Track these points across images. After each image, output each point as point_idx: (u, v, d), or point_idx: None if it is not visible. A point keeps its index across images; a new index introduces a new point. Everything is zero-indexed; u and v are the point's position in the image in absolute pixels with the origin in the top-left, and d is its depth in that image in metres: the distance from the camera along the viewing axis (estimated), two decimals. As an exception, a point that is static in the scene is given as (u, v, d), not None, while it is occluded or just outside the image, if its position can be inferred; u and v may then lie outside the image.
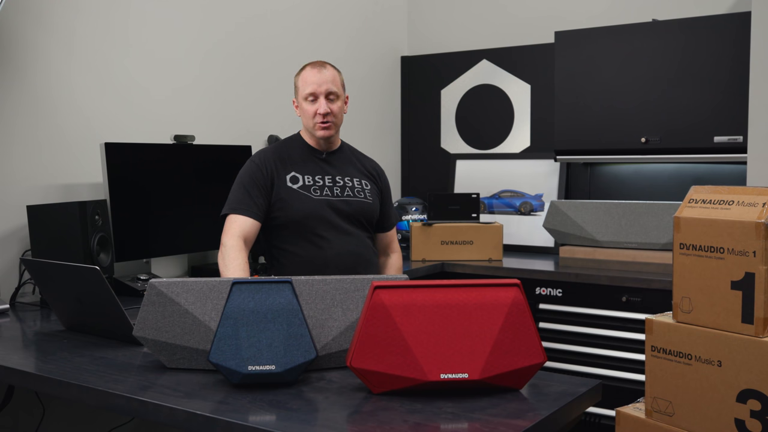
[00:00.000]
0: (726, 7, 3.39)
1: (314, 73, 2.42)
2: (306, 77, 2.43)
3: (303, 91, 2.42)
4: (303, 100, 2.43)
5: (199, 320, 1.65)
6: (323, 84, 2.40)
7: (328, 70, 2.44)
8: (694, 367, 1.63)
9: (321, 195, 2.43)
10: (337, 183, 2.47)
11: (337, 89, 2.42)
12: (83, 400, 1.66)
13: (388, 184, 2.68)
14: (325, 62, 2.48)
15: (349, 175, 2.52)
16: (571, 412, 1.53)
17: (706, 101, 3.11)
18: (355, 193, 2.49)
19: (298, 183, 2.43)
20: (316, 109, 2.40)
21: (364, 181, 2.54)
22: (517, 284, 1.55)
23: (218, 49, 3.28)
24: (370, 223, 2.55)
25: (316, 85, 2.40)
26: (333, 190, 2.45)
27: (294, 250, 2.42)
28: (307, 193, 2.42)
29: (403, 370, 1.50)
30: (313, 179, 2.45)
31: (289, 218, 2.40)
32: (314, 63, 2.47)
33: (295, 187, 2.42)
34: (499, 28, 4.03)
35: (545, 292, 3.20)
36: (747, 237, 1.54)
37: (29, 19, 2.61)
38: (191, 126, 3.13)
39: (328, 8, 3.83)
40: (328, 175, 2.47)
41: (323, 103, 2.40)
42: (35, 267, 2.15)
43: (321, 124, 2.41)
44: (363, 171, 2.57)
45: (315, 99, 2.41)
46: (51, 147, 2.68)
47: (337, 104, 2.43)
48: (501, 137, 4.02)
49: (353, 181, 2.51)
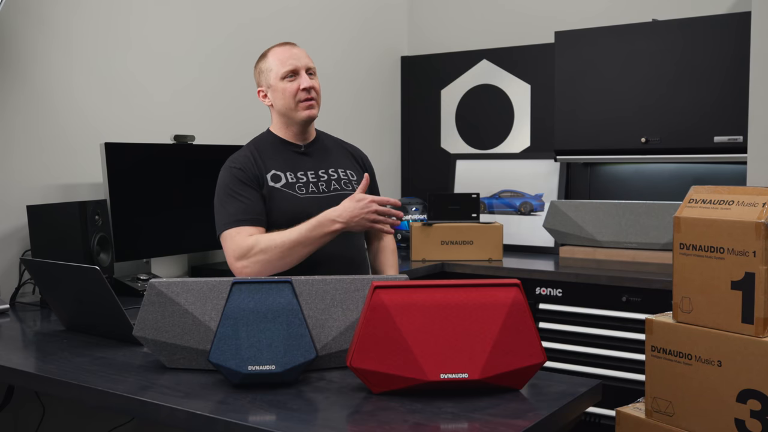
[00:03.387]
0: (726, 7, 3.39)
1: (288, 49, 2.24)
2: (279, 55, 2.23)
3: (279, 71, 2.21)
4: (280, 80, 2.21)
5: (199, 320, 1.65)
6: (302, 58, 2.23)
7: (299, 48, 2.27)
8: (694, 367, 1.63)
9: (307, 192, 2.21)
10: (321, 177, 2.26)
11: (313, 65, 2.26)
12: (83, 400, 1.66)
13: (373, 169, 2.47)
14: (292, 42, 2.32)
15: (333, 166, 2.31)
16: (571, 412, 1.53)
17: (705, 101, 3.11)
18: (343, 185, 2.28)
19: (281, 181, 2.21)
20: (299, 85, 2.19)
21: (350, 171, 2.34)
22: (517, 284, 1.55)
23: (218, 50, 3.28)
24: None
25: (295, 60, 2.21)
26: (318, 186, 2.24)
27: None
28: (292, 191, 2.20)
29: (403, 370, 1.50)
30: (295, 176, 2.23)
31: (276, 220, 2.17)
32: (281, 43, 2.28)
33: (278, 185, 2.20)
34: (499, 28, 4.03)
35: (545, 292, 3.20)
36: (747, 237, 1.54)
37: (29, 19, 2.61)
38: (191, 126, 3.13)
39: (328, 8, 3.83)
40: (310, 170, 2.26)
41: (305, 77, 2.20)
42: (35, 267, 2.15)
43: (305, 102, 2.21)
44: (346, 159, 2.38)
45: (294, 75, 2.21)
46: (51, 147, 2.68)
47: (317, 81, 2.25)
48: (501, 137, 4.02)
49: (338, 173, 2.30)
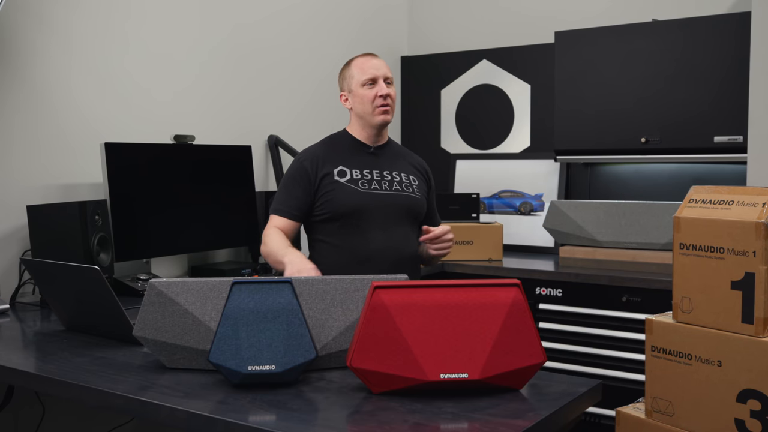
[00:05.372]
0: (726, 7, 3.39)
1: (369, 59, 2.47)
2: (362, 64, 2.45)
3: (360, 78, 2.43)
4: (360, 87, 2.43)
5: (199, 320, 1.65)
6: (381, 68, 2.44)
7: (379, 59, 2.49)
8: (694, 367, 1.63)
9: (369, 189, 2.41)
10: (385, 177, 2.45)
11: (391, 75, 2.47)
12: (83, 400, 1.66)
13: (434, 182, 2.66)
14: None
15: (398, 169, 2.49)
16: (571, 412, 1.53)
17: (705, 101, 3.11)
18: (404, 188, 2.46)
19: (346, 176, 2.41)
20: (376, 92, 2.41)
21: (412, 176, 2.52)
22: (517, 284, 1.55)
23: (219, 49, 3.28)
24: (417, 218, 2.50)
25: (375, 69, 2.43)
26: (381, 184, 2.43)
27: (338, 242, 2.40)
28: (355, 186, 2.40)
29: (403, 370, 1.50)
30: (361, 173, 2.43)
31: (336, 211, 2.38)
32: (364, 54, 2.51)
33: (343, 180, 2.40)
34: (499, 28, 4.03)
35: (545, 292, 3.20)
36: (747, 237, 1.54)
37: (29, 19, 2.61)
38: (191, 126, 3.13)
39: (328, 8, 3.83)
40: (376, 169, 2.45)
41: (383, 85, 2.42)
42: (35, 267, 2.15)
43: (381, 107, 2.42)
44: (411, 166, 2.55)
45: (374, 83, 2.42)
46: (51, 147, 2.68)
47: (393, 89, 2.46)
48: (501, 137, 4.02)
49: (401, 176, 2.48)
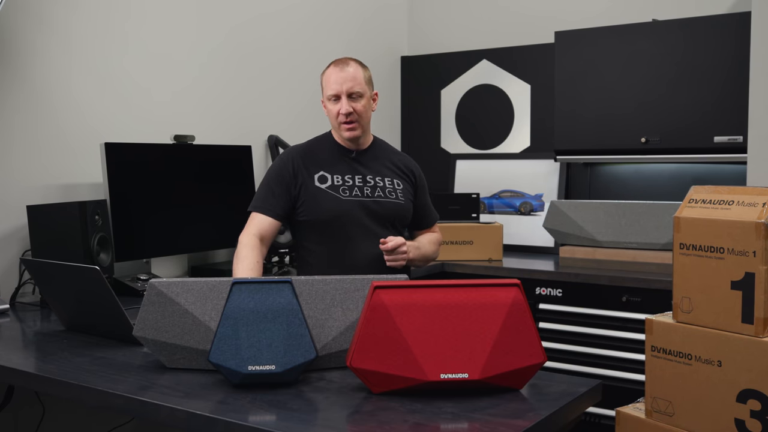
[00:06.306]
0: (726, 7, 3.39)
1: (336, 72, 2.36)
2: (328, 77, 2.38)
3: (326, 92, 2.38)
4: (327, 100, 2.39)
5: (199, 320, 1.65)
6: (345, 83, 2.34)
7: (350, 67, 2.37)
8: (694, 367, 1.63)
9: (350, 195, 2.37)
10: (368, 183, 2.41)
11: (360, 88, 2.36)
12: (83, 400, 1.66)
13: (424, 180, 2.60)
14: (349, 59, 2.40)
15: (381, 174, 2.45)
16: (571, 412, 1.53)
17: (705, 101, 3.11)
18: (387, 194, 2.42)
19: (327, 183, 2.37)
20: (338, 109, 2.35)
21: (396, 180, 2.47)
22: (517, 284, 1.55)
23: (218, 49, 3.28)
24: (403, 224, 2.47)
25: (337, 85, 2.34)
26: (363, 191, 2.39)
27: (321, 250, 2.38)
28: (336, 193, 2.36)
29: (403, 370, 1.50)
30: (342, 179, 2.39)
31: (317, 218, 2.35)
32: (338, 61, 2.40)
33: (324, 186, 2.37)
34: (499, 28, 4.03)
35: (545, 292, 3.20)
36: (747, 237, 1.54)
37: (29, 19, 2.61)
38: (191, 126, 3.13)
39: (328, 8, 3.83)
40: (358, 175, 2.41)
41: (345, 103, 2.34)
42: (35, 267, 2.15)
43: (345, 124, 2.36)
44: (395, 170, 2.49)
45: (338, 99, 2.36)
46: (51, 147, 2.68)
47: (361, 103, 2.36)
48: (501, 137, 4.02)
49: (384, 181, 2.44)
